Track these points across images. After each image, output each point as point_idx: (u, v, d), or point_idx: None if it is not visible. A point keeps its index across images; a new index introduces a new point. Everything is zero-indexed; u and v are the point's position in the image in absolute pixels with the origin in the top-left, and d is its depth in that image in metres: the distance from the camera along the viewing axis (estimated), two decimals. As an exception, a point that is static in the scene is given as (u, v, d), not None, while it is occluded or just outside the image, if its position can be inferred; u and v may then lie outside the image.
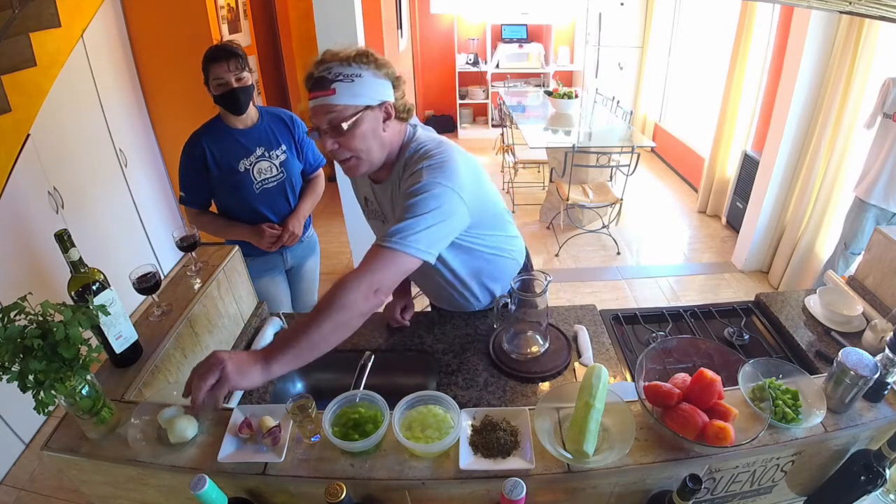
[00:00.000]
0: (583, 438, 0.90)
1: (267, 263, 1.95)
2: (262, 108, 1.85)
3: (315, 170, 1.98)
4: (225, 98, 1.67)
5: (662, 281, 3.54)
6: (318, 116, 1.10)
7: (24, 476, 2.18)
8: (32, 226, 2.42)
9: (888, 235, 1.46)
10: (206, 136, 1.74)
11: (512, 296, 1.32)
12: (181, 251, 1.44)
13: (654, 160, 5.73)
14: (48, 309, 0.84)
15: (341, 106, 1.09)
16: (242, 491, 0.94)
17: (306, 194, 1.95)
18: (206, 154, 1.72)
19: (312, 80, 1.11)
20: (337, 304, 0.96)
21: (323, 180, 2.03)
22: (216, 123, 1.77)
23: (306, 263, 2.13)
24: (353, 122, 1.09)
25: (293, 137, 1.87)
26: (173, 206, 3.72)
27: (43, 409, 0.84)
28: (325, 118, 1.09)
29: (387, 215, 1.32)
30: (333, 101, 1.08)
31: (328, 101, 1.08)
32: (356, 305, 0.97)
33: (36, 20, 2.41)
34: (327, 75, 1.09)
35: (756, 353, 1.42)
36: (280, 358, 0.94)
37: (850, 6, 1.23)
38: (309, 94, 1.12)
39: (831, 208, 2.99)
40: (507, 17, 6.12)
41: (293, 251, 2.03)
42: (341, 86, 1.08)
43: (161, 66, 3.29)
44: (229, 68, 1.64)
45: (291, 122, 1.88)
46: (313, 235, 2.14)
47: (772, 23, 3.56)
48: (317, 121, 1.12)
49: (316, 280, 2.24)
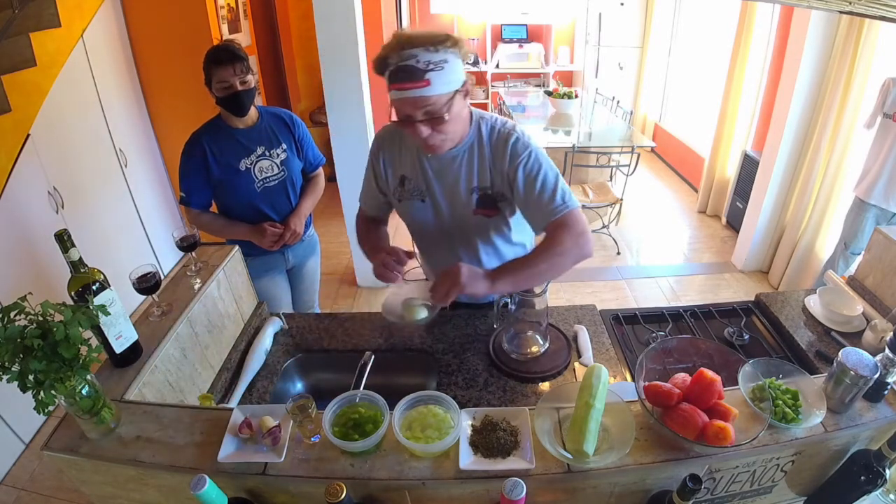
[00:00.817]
0: (583, 438, 0.90)
1: (268, 263, 1.95)
2: (262, 108, 1.85)
3: (315, 169, 1.99)
4: (228, 101, 1.68)
5: (662, 281, 3.54)
6: (411, 108, 1.09)
7: (24, 476, 2.18)
8: (32, 226, 2.42)
9: (888, 235, 1.46)
10: (206, 136, 1.74)
11: (512, 296, 1.32)
12: (181, 251, 1.44)
13: (654, 160, 5.73)
14: (48, 309, 0.84)
15: (436, 96, 1.07)
16: (242, 491, 0.94)
17: (307, 193, 1.96)
18: (206, 154, 1.72)
19: (396, 69, 1.07)
20: (557, 250, 1.16)
21: (323, 179, 2.03)
22: (217, 123, 1.78)
23: (307, 263, 2.13)
24: (447, 109, 1.10)
25: (293, 136, 1.87)
26: (173, 206, 3.72)
27: (43, 409, 0.84)
28: (421, 110, 1.09)
29: (431, 190, 1.31)
30: (429, 92, 1.06)
31: (424, 93, 1.06)
32: (571, 252, 1.17)
33: (36, 20, 2.41)
34: (417, 65, 1.05)
35: (756, 353, 1.42)
36: (504, 279, 1.16)
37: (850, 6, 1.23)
38: (393, 84, 1.08)
39: (831, 208, 2.99)
40: (507, 17, 6.12)
41: (294, 250, 2.03)
42: (434, 75, 1.06)
43: (161, 66, 3.29)
44: (234, 72, 1.64)
45: (291, 121, 1.88)
46: (314, 235, 2.14)
47: (772, 23, 3.56)
48: (407, 111, 1.10)
49: (317, 280, 2.23)
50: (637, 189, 4.76)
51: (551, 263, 1.16)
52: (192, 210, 1.81)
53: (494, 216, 1.33)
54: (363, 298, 3.42)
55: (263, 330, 1.51)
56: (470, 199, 1.30)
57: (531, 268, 1.16)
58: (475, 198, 1.30)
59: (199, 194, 1.79)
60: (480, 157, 1.26)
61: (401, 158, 1.32)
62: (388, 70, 1.09)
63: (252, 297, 1.62)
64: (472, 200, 1.30)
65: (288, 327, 1.57)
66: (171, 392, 1.17)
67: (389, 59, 1.08)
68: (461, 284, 1.11)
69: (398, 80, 1.07)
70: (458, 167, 1.27)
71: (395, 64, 1.07)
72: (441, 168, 1.28)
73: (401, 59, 1.06)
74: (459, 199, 1.31)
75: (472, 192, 1.29)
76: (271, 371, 1.43)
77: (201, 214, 1.83)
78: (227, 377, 1.38)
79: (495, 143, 1.25)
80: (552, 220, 1.19)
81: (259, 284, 1.75)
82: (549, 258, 1.16)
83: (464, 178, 1.28)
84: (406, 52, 1.06)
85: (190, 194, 1.78)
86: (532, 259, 1.18)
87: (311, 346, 1.52)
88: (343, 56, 2.68)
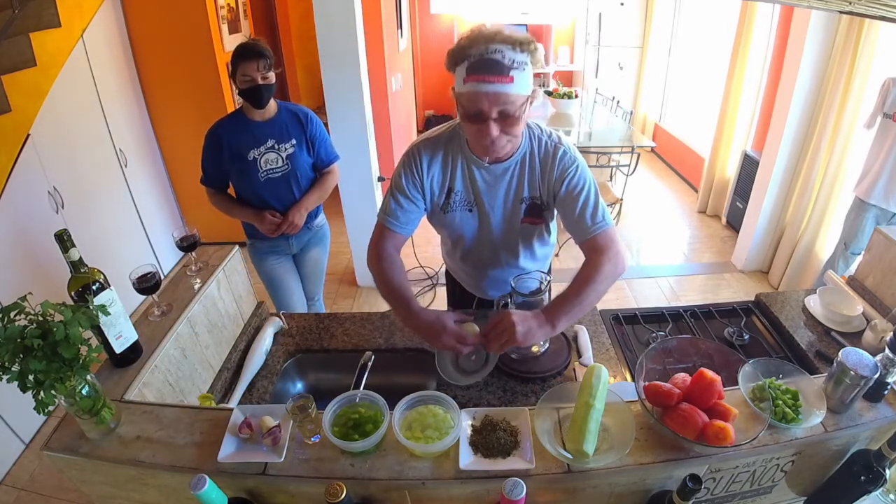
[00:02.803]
0: (583, 438, 0.90)
1: (271, 245, 2.07)
2: (283, 104, 1.94)
3: (327, 165, 2.05)
4: (249, 93, 1.80)
5: (662, 281, 3.54)
6: (488, 104, 1.06)
7: (24, 476, 2.18)
8: (32, 226, 2.42)
9: (888, 235, 1.46)
10: (225, 124, 1.88)
11: (512, 296, 1.32)
12: (181, 251, 1.45)
13: (654, 160, 5.73)
14: (48, 309, 0.84)
15: (515, 95, 1.06)
16: (242, 491, 0.94)
17: (314, 188, 2.03)
18: (221, 140, 1.86)
19: (480, 60, 1.04)
20: (598, 279, 1.18)
21: (335, 176, 2.09)
22: (237, 114, 1.90)
23: (311, 252, 2.20)
24: (522, 111, 1.09)
25: (305, 133, 1.95)
26: (173, 206, 3.72)
27: (43, 409, 0.84)
28: (498, 107, 1.06)
29: (480, 200, 1.31)
30: (510, 90, 1.05)
31: (506, 89, 1.04)
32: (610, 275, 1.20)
33: (36, 20, 2.41)
34: (503, 60, 1.03)
35: (756, 353, 1.42)
36: (562, 321, 1.14)
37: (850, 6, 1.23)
38: (474, 75, 1.05)
39: (831, 208, 2.99)
40: (507, 17, 6.11)
41: (299, 238, 2.12)
42: (517, 74, 1.04)
43: (161, 66, 3.29)
44: (258, 67, 1.75)
45: (306, 118, 1.96)
46: (324, 227, 2.22)
47: (772, 23, 3.56)
48: (482, 106, 1.06)
49: (321, 272, 2.29)
50: (637, 189, 4.76)
51: (597, 293, 1.19)
52: (210, 189, 1.98)
53: (540, 224, 1.37)
54: (363, 298, 3.42)
55: (263, 330, 1.51)
56: (519, 209, 1.33)
57: (582, 303, 1.17)
58: (524, 207, 1.33)
59: (214, 175, 1.94)
60: (531, 167, 1.28)
61: (449, 171, 1.31)
62: (467, 61, 1.06)
63: (252, 298, 1.62)
64: (520, 210, 1.33)
65: (288, 327, 1.57)
66: (171, 392, 1.17)
67: (471, 49, 1.05)
68: (518, 342, 1.08)
69: (481, 72, 1.04)
70: (509, 178, 1.29)
71: (478, 55, 1.05)
72: (493, 179, 1.29)
73: (486, 51, 1.04)
74: (508, 208, 1.33)
75: (522, 201, 1.32)
76: (271, 371, 1.43)
77: (216, 193, 1.99)
78: (227, 377, 1.38)
79: (544, 155, 1.26)
80: (589, 238, 1.23)
81: (265, 266, 1.95)
82: (594, 289, 1.18)
83: (514, 189, 1.30)
84: (492, 45, 1.04)
85: (206, 174, 1.94)
86: (581, 294, 1.17)
87: (311, 346, 1.52)
88: (343, 56, 2.68)
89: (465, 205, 1.33)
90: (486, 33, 1.06)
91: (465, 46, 1.06)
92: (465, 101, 1.09)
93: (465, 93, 1.08)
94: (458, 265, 1.56)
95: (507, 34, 1.05)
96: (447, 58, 1.11)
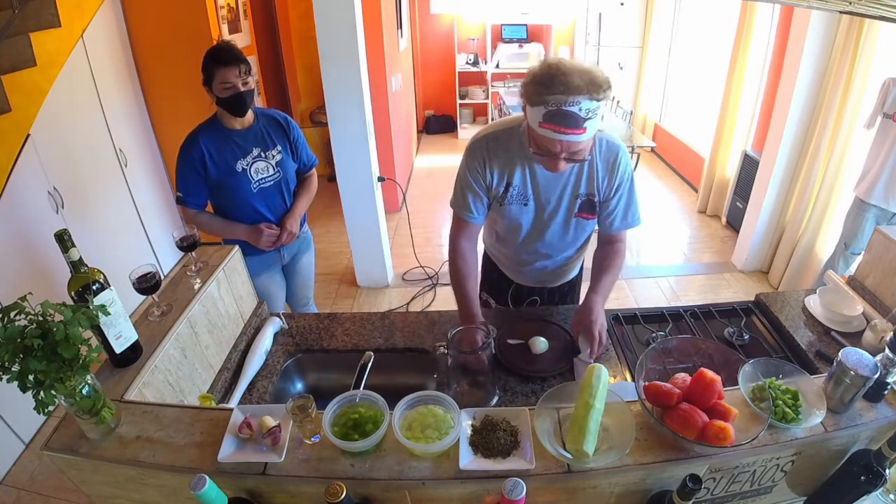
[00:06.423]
0: (583, 438, 0.90)
1: (265, 261, 1.97)
2: (257, 110, 1.87)
3: (309, 169, 2.02)
4: (230, 101, 1.70)
5: (662, 281, 3.54)
6: (560, 148, 1.14)
7: (24, 476, 2.18)
8: (32, 226, 2.42)
9: (888, 235, 1.46)
10: (203, 137, 1.74)
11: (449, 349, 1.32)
12: (181, 251, 1.44)
13: (654, 160, 5.73)
14: (48, 309, 0.84)
15: (586, 141, 1.13)
16: (242, 491, 0.94)
17: (301, 193, 1.99)
18: (204, 155, 1.73)
19: (559, 112, 1.08)
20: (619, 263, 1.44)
21: (316, 179, 2.07)
22: (213, 124, 1.78)
23: (301, 259, 2.16)
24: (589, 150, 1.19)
25: (287, 138, 1.90)
26: (173, 206, 3.71)
27: (43, 409, 0.84)
28: (569, 152, 1.15)
29: (538, 196, 1.38)
30: (582, 138, 1.12)
31: (578, 139, 1.11)
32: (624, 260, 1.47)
33: (36, 20, 2.41)
34: (578, 112, 1.08)
35: (756, 353, 1.42)
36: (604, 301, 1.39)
37: (850, 6, 1.23)
38: (550, 124, 1.10)
39: (831, 208, 2.99)
40: (507, 17, 6.12)
41: (289, 247, 2.07)
42: (590, 123, 1.10)
43: (161, 66, 3.29)
44: (239, 73, 1.66)
45: (286, 122, 1.91)
46: (308, 232, 2.18)
47: (772, 23, 3.56)
48: (553, 149, 1.15)
49: (311, 276, 2.26)
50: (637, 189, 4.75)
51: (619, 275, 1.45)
52: (189, 210, 1.81)
53: (592, 219, 1.44)
54: (363, 298, 3.42)
55: (263, 330, 1.51)
56: (574, 204, 1.39)
57: (612, 284, 1.42)
58: (579, 203, 1.39)
59: (196, 195, 1.79)
60: (591, 167, 1.34)
61: (508, 167, 1.35)
62: (544, 107, 1.10)
63: (252, 298, 1.62)
64: (575, 205, 1.40)
65: (288, 327, 1.57)
66: (171, 392, 1.17)
67: (549, 97, 1.08)
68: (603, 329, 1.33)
69: (557, 124, 1.10)
70: (568, 176, 1.34)
71: (555, 105, 1.08)
72: (552, 177, 1.34)
73: (565, 103, 1.07)
74: (563, 204, 1.38)
75: (578, 198, 1.38)
76: (271, 371, 1.43)
77: (198, 214, 1.83)
78: (227, 377, 1.38)
79: (606, 156, 1.33)
80: (620, 232, 1.43)
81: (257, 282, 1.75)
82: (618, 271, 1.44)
83: (571, 186, 1.37)
84: (571, 97, 1.07)
85: (187, 195, 1.78)
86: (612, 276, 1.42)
87: (311, 346, 1.52)
88: (343, 56, 2.68)
89: (520, 199, 1.39)
90: (563, 79, 1.07)
91: (543, 90, 1.09)
92: (538, 139, 1.17)
93: (540, 135, 1.15)
94: (501, 252, 1.63)
95: (587, 80, 1.07)
96: (522, 89, 1.16)
